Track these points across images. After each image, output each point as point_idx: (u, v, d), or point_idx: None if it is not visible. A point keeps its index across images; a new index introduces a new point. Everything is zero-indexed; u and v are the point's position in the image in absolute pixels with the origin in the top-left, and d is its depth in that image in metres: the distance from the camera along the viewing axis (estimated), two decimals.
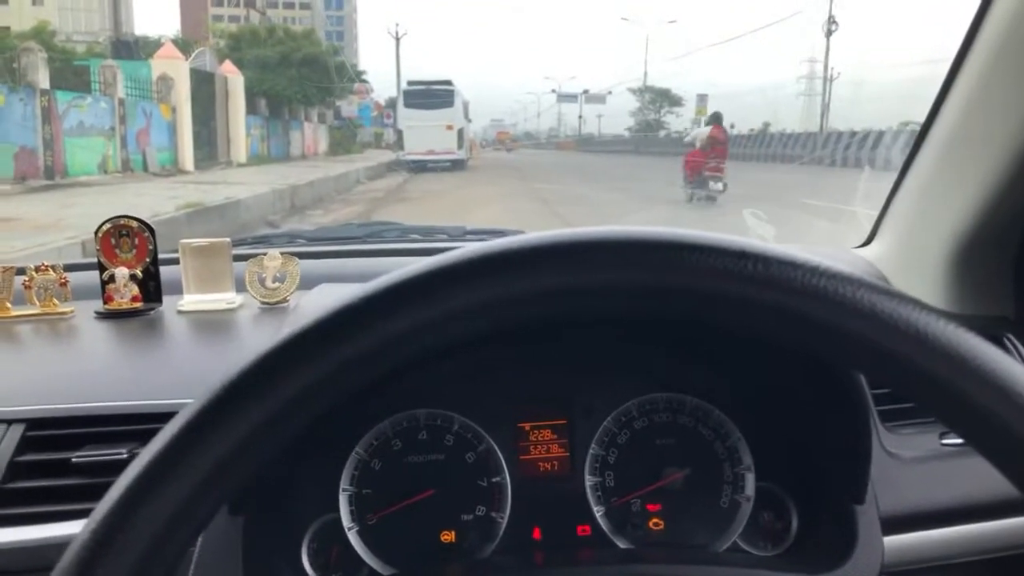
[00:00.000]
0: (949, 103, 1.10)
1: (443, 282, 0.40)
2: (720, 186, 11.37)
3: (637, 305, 0.42)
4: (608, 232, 0.41)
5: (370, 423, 0.90)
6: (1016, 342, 1.07)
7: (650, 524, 0.91)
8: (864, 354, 0.40)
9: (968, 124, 1.07)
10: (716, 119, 13.08)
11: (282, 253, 1.22)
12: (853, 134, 21.40)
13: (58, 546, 0.74)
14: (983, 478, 0.90)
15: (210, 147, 20.02)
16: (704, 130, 12.73)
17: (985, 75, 1.03)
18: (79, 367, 1.01)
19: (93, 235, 1.19)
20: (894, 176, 1.26)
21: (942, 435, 0.96)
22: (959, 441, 0.94)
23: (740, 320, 0.41)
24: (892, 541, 0.84)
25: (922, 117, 1.16)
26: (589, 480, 0.92)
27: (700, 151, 12.12)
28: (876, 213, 1.34)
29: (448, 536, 0.89)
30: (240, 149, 21.36)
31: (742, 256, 0.40)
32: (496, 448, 0.91)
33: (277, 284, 1.21)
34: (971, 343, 0.39)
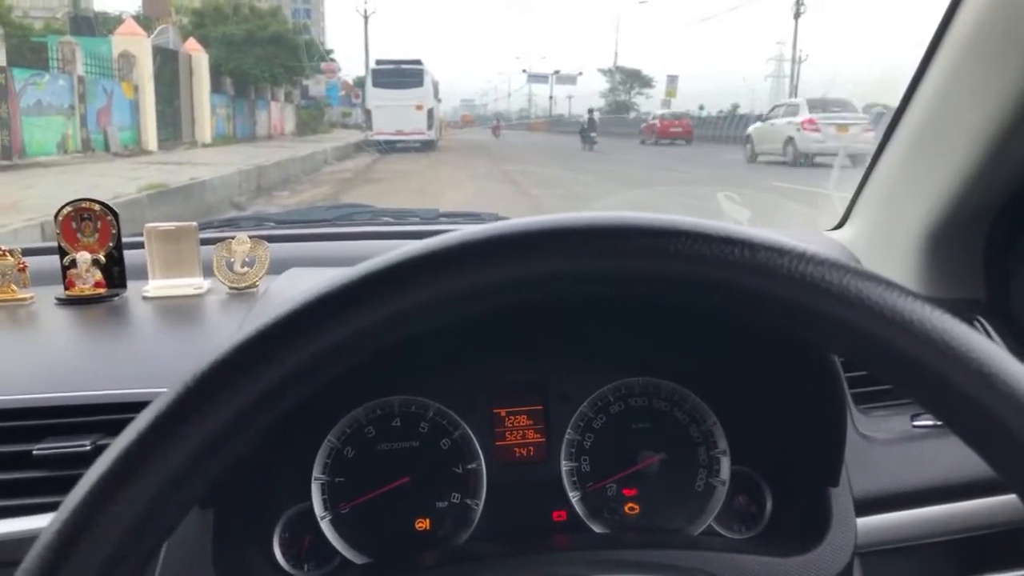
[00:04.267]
0: (922, 89, 1.10)
1: (426, 269, 0.39)
2: (500, 135, 33.92)
3: (623, 290, 0.41)
4: (596, 218, 0.40)
5: (343, 411, 0.88)
6: (987, 325, 1.08)
7: (626, 509, 0.91)
8: (849, 339, 0.40)
9: (941, 110, 1.08)
10: (496, 121, 41.15)
11: (251, 237, 1.20)
12: None
13: (19, 541, 0.72)
14: (954, 459, 0.91)
15: (174, 127, 19.58)
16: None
17: (958, 62, 1.03)
18: (39, 356, 0.98)
19: (53, 218, 1.15)
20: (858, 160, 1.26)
21: (914, 417, 0.97)
22: (930, 423, 0.96)
23: (724, 305, 0.41)
24: (865, 522, 0.84)
25: (889, 100, 1.17)
26: (565, 465, 0.91)
27: (494, 127, 37.69)
28: (848, 196, 1.35)
29: (423, 524, 0.88)
30: (205, 129, 20.92)
31: (728, 242, 0.39)
32: (471, 434, 0.90)
33: (246, 268, 1.18)
34: (956, 329, 0.39)
